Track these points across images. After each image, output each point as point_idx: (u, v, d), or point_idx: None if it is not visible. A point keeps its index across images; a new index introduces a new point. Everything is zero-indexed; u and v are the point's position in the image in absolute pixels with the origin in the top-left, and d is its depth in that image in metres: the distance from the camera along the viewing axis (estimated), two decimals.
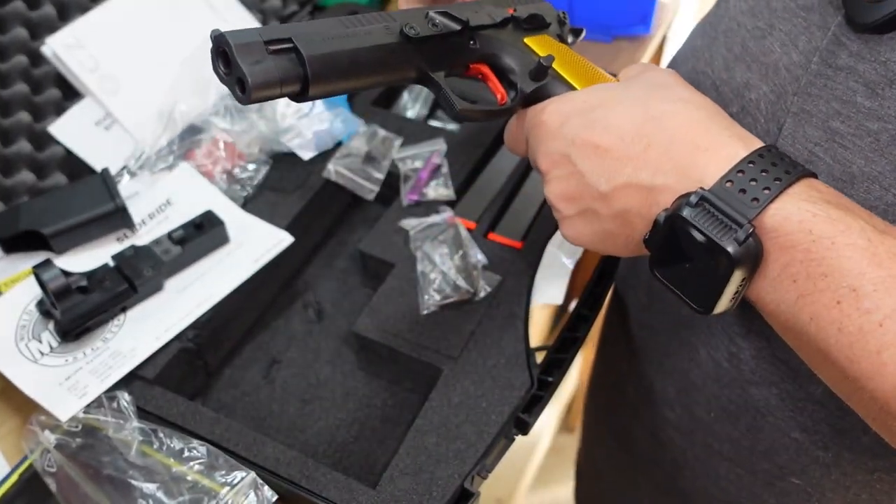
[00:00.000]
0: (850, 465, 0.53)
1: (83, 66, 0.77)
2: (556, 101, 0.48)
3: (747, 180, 0.39)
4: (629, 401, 0.75)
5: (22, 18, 0.76)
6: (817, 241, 0.37)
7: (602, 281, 0.69)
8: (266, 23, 0.92)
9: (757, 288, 0.40)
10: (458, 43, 0.49)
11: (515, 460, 1.51)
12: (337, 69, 0.43)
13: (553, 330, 1.24)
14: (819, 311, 0.37)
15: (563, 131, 0.46)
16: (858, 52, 0.43)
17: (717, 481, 0.64)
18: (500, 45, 0.51)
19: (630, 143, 0.43)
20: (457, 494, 0.53)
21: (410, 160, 0.76)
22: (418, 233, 0.69)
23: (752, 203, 0.38)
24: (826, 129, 0.45)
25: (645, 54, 1.04)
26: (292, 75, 0.41)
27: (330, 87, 0.43)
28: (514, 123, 0.53)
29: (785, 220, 0.38)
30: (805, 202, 0.38)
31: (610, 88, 0.47)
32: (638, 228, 0.44)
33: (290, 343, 0.70)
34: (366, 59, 0.44)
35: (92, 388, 0.58)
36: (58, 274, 0.60)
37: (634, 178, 0.43)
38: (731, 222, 0.38)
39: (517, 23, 0.52)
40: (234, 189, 0.74)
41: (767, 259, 0.39)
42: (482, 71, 0.51)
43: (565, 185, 0.46)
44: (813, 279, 0.37)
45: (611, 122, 0.44)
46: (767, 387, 0.54)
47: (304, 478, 0.53)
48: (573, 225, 0.48)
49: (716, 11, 0.57)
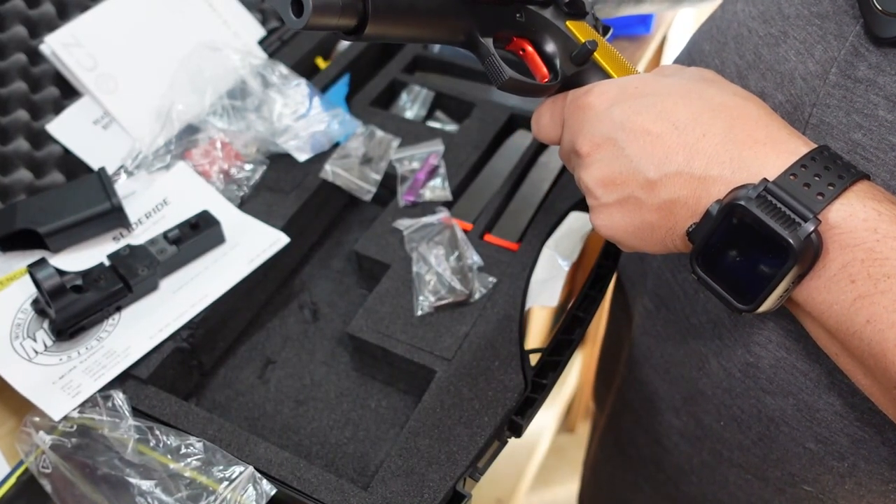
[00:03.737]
0: (865, 476, 0.52)
1: (81, 64, 0.77)
2: (603, 84, 0.46)
3: (811, 175, 0.38)
4: (632, 406, 0.74)
5: (21, 16, 0.76)
6: (882, 241, 0.35)
7: (598, 283, 0.68)
8: (266, 22, 0.92)
9: (809, 287, 0.39)
10: (507, 12, 0.49)
11: (515, 460, 1.51)
12: (397, 8, 0.42)
13: (551, 332, 1.23)
14: (878, 314, 0.35)
15: (612, 114, 0.44)
16: (878, 65, 0.42)
17: (726, 487, 0.64)
18: (544, 23, 0.51)
19: (684, 131, 0.41)
20: (448, 496, 0.53)
21: (408, 161, 0.76)
22: (413, 233, 0.69)
23: (817, 198, 0.37)
24: (848, 140, 0.44)
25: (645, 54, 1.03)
26: (352, 6, 0.40)
27: (386, 29, 0.42)
28: (548, 106, 0.51)
29: (850, 217, 0.37)
30: (871, 200, 0.37)
31: (660, 78, 0.46)
32: (682, 220, 0.42)
33: (285, 343, 0.70)
34: (424, 7, 0.43)
35: (85, 387, 0.58)
36: (52, 273, 0.60)
37: (686, 168, 0.41)
38: (796, 215, 0.37)
39: (558, 5, 0.52)
40: (231, 189, 0.74)
41: (826, 257, 0.37)
42: (524, 47, 0.51)
43: (608, 170, 0.44)
44: (874, 280, 0.35)
45: (665, 107, 0.43)
46: (784, 397, 0.53)
47: (295, 479, 0.53)
48: (609, 214, 0.45)
49: (721, 15, 0.56)
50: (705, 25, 0.59)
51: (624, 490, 0.84)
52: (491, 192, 0.75)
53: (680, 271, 0.60)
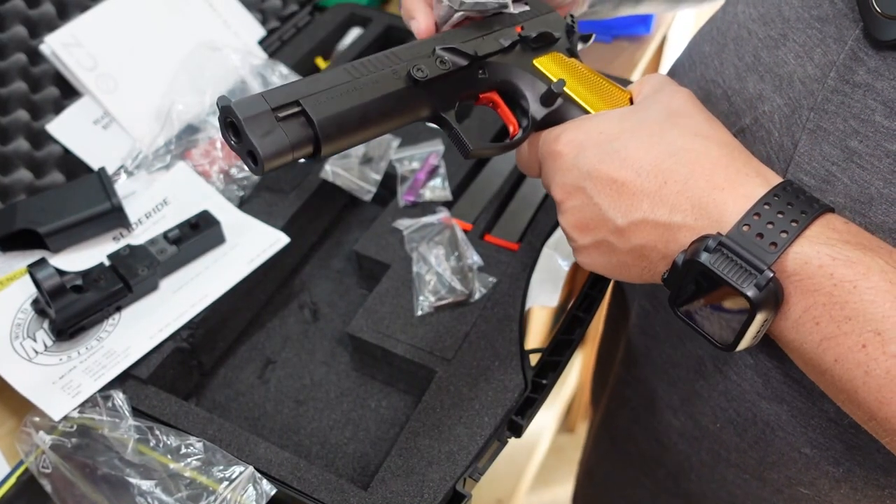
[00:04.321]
0: (860, 481, 0.53)
1: (81, 64, 0.77)
2: (570, 130, 0.47)
3: (764, 223, 0.39)
4: (631, 405, 0.74)
5: (21, 16, 0.76)
6: (839, 286, 0.36)
7: (598, 283, 0.68)
8: (266, 22, 0.92)
9: (780, 327, 0.40)
10: (466, 76, 0.49)
11: (515, 460, 1.51)
12: (348, 126, 0.42)
13: (551, 332, 1.23)
14: (844, 354, 0.37)
15: (579, 163, 0.45)
16: (877, 69, 0.42)
17: (725, 485, 0.64)
18: (509, 71, 0.51)
19: (647, 178, 0.43)
20: (448, 496, 0.53)
21: (408, 161, 0.76)
22: (412, 233, 0.69)
23: (769, 248, 0.38)
24: (843, 147, 0.44)
25: (645, 55, 1.03)
26: (304, 140, 0.41)
27: (342, 144, 0.43)
28: (526, 148, 0.52)
29: (805, 265, 0.38)
30: (823, 245, 0.38)
31: (626, 117, 0.47)
32: (655, 263, 0.44)
33: (285, 343, 0.70)
34: (376, 110, 0.44)
35: (85, 387, 0.58)
36: (52, 273, 0.60)
37: (651, 215, 0.42)
38: (751, 267, 0.38)
39: (525, 43, 0.52)
40: (231, 189, 0.74)
41: (789, 301, 0.38)
42: (493, 99, 0.51)
43: (580, 216, 0.46)
44: (837, 322, 0.37)
45: (628, 154, 0.44)
46: (779, 403, 0.53)
47: (295, 479, 0.53)
48: (588, 254, 0.48)
49: (722, 16, 0.56)
50: (706, 27, 0.59)
51: (623, 486, 0.84)
52: (491, 192, 0.75)
53: None
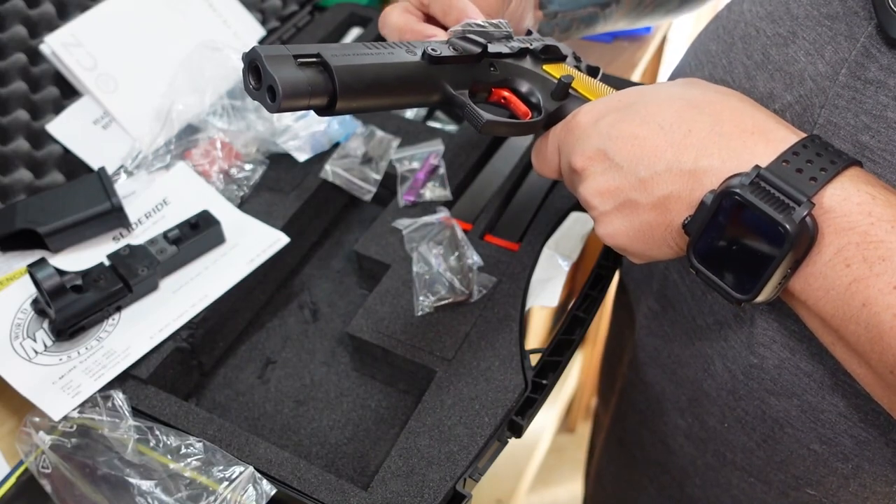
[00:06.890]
0: (869, 477, 0.53)
1: (81, 64, 0.77)
2: (589, 104, 0.48)
3: (803, 161, 0.38)
4: (637, 408, 0.74)
5: (21, 16, 0.76)
6: (876, 224, 0.36)
7: (598, 283, 0.68)
8: (266, 22, 0.92)
9: (805, 274, 0.39)
10: (479, 67, 0.50)
11: (515, 460, 1.51)
12: (364, 83, 0.44)
13: (551, 332, 1.23)
14: (873, 296, 0.35)
15: (599, 127, 0.45)
16: (889, 66, 0.42)
17: (729, 490, 0.64)
18: (520, 71, 0.52)
19: (670, 129, 0.42)
20: (448, 497, 0.53)
21: (408, 161, 0.76)
22: (412, 233, 0.68)
23: (810, 182, 0.37)
24: (855, 142, 0.44)
25: (645, 54, 1.03)
26: (321, 87, 0.42)
27: (357, 103, 0.44)
28: (542, 142, 0.52)
29: (844, 200, 0.37)
30: (864, 184, 0.37)
31: (643, 87, 0.47)
32: (678, 215, 0.42)
33: (285, 343, 0.70)
34: (392, 74, 0.45)
35: (85, 387, 0.58)
36: (52, 273, 0.60)
37: (675, 164, 0.41)
38: (790, 200, 0.37)
39: (534, 54, 0.54)
40: (231, 189, 0.74)
41: (822, 241, 0.37)
42: (504, 95, 0.53)
43: (602, 180, 0.45)
44: (869, 263, 0.35)
45: (650, 112, 0.43)
46: (788, 398, 0.53)
47: (295, 479, 0.53)
48: (610, 221, 0.46)
49: (728, 15, 0.56)
50: (711, 25, 0.59)
51: (629, 490, 0.84)
52: (491, 192, 0.75)
53: (688, 273, 0.60)
